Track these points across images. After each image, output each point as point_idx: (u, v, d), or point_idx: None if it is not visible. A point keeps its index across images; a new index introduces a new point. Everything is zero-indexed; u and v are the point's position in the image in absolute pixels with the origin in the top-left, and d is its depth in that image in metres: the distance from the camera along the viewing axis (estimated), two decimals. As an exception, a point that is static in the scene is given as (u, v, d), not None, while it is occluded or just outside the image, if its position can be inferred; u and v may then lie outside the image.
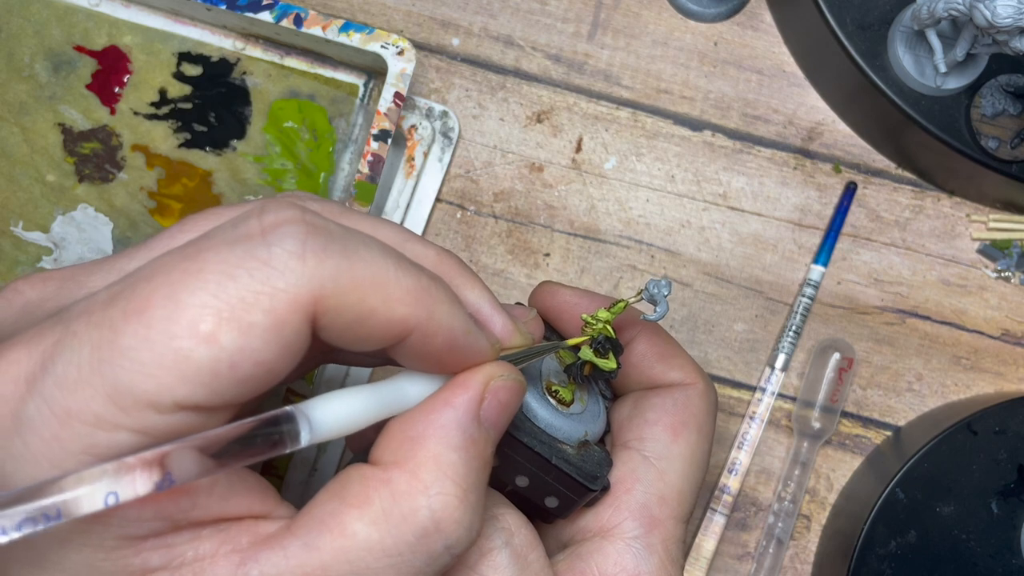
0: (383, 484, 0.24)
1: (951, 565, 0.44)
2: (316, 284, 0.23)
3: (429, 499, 0.24)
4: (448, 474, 0.25)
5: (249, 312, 0.22)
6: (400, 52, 0.43)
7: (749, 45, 0.52)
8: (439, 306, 0.25)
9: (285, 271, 0.23)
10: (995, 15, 0.39)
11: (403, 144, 0.49)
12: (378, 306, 0.24)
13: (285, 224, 0.23)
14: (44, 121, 0.46)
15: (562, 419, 0.31)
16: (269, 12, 0.43)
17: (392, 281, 0.24)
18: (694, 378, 0.35)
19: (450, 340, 0.26)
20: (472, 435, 0.26)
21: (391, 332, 0.25)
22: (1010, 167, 0.47)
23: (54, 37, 0.46)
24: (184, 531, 0.24)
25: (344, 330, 0.24)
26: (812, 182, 0.51)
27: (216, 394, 0.22)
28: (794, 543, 0.49)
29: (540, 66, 0.51)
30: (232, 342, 0.22)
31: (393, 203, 0.48)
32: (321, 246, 0.23)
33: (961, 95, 0.47)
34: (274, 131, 0.46)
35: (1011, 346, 0.50)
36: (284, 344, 0.23)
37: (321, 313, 0.23)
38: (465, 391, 0.26)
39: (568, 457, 0.31)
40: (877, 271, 0.51)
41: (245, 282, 0.22)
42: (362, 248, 0.24)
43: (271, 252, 0.23)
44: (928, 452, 0.45)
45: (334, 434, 0.25)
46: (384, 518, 0.24)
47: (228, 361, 0.22)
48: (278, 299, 0.23)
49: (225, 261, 0.23)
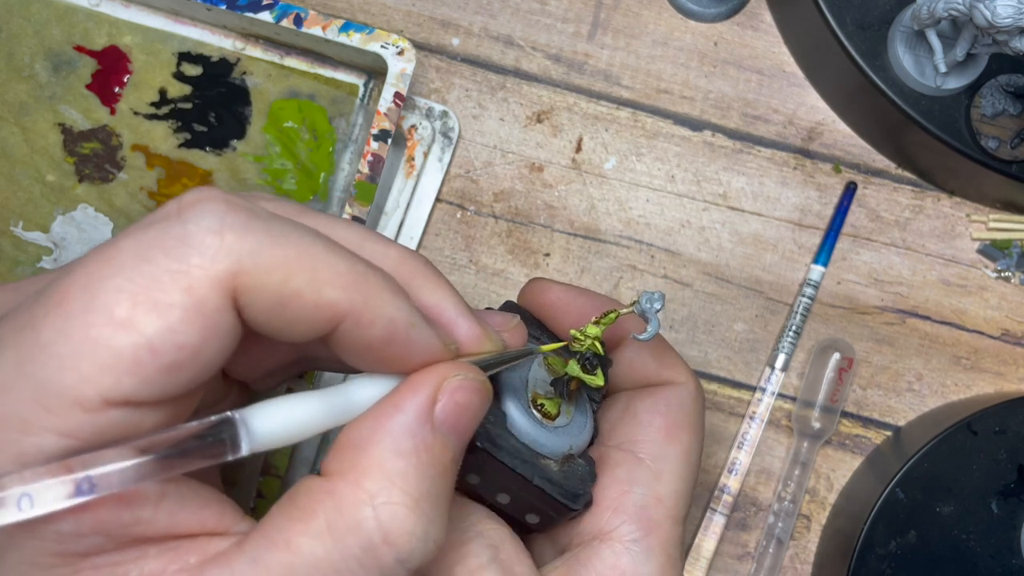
0: (327, 495, 0.23)
1: (951, 565, 0.44)
2: (234, 260, 0.22)
3: (375, 509, 0.23)
4: (396, 482, 0.23)
5: (165, 292, 0.21)
6: (400, 52, 0.43)
7: (749, 45, 0.52)
8: (377, 294, 0.24)
9: (201, 247, 0.22)
10: (995, 15, 0.39)
11: (403, 144, 0.49)
12: (304, 287, 0.23)
13: (203, 202, 0.23)
14: (44, 121, 0.46)
15: (547, 434, 0.30)
16: (269, 12, 0.43)
17: (321, 262, 0.23)
18: (685, 378, 0.34)
19: (389, 332, 0.24)
20: (424, 440, 0.24)
21: (321, 317, 0.23)
22: (1010, 167, 0.47)
23: (54, 37, 0.46)
24: (129, 549, 0.23)
25: (268, 312, 0.23)
26: (812, 182, 0.51)
27: (144, 384, 0.21)
28: (794, 543, 0.49)
29: (540, 66, 0.51)
30: (150, 325, 0.21)
31: (393, 203, 0.48)
32: (241, 223, 0.22)
33: (961, 95, 0.47)
34: (274, 131, 0.46)
35: (1011, 346, 0.50)
36: (207, 325, 0.22)
37: (242, 291, 0.22)
38: (415, 393, 0.24)
39: (550, 475, 0.30)
40: (877, 271, 0.51)
41: (160, 262, 0.22)
42: (290, 230, 0.23)
43: (186, 229, 0.22)
44: (928, 452, 0.45)
45: (278, 442, 0.23)
46: (328, 531, 0.22)
47: (148, 346, 0.21)
48: (195, 276, 0.22)
49: (140, 243, 0.22)
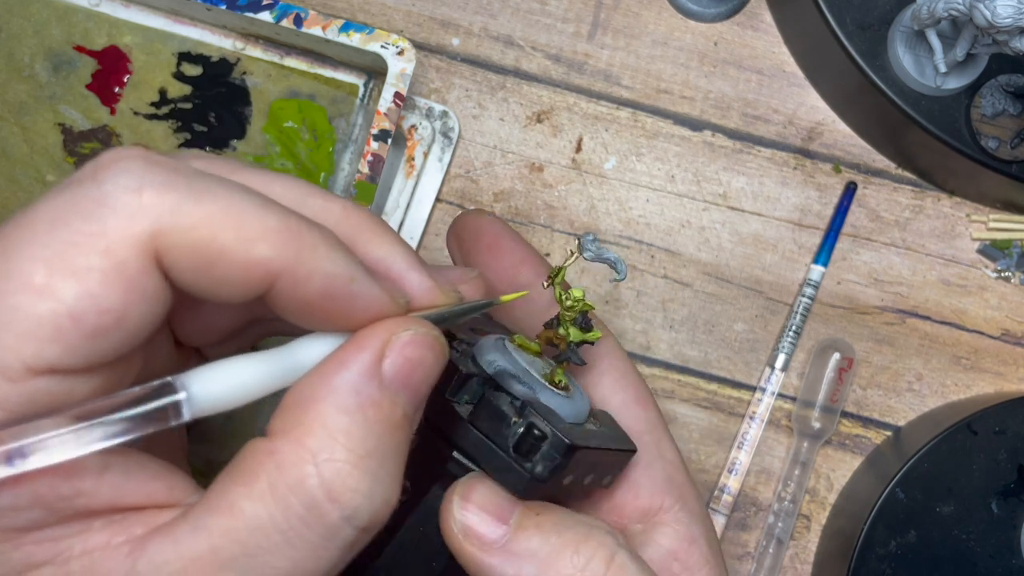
0: (268, 456, 0.22)
1: (951, 565, 0.44)
2: (153, 219, 0.21)
3: (317, 467, 0.22)
4: (339, 439, 0.22)
5: (83, 255, 0.21)
6: (400, 52, 0.43)
7: (749, 45, 0.52)
8: (312, 248, 0.23)
9: (118, 207, 0.21)
10: (995, 15, 0.39)
11: (403, 144, 0.49)
12: (231, 244, 0.22)
13: (120, 161, 0.22)
14: (44, 121, 0.46)
15: (573, 404, 0.30)
16: (269, 12, 0.43)
17: (250, 218, 0.22)
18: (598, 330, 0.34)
19: (327, 287, 0.23)
20: (370, 396, 0.23)
21: (252, 276, 0.22)
22: (1010, 167, 0.47)
23: (54, 37, 0.46)
24: (72, 522, 0.22)
25: (195, 272, 0.22)
26: (812, 182, 0.51)
27: (68, 351, 0.21)
28: (794, 543, 0.49)
29: (540, 66, 0.51)
30: (69, 291, 0.20)
31: (393, 203, 0.48)
32: (160, 180, 0.21)
33: (961, 95, 0.47)
34: (274, 131, 0.46)
35: (1011, 346, 0.50)
36: (130, 288, 0.21)
37: (164, 251, 0.21)
38: (360, 349, 0.23)
39: (604, 435, 0.29)
40: (877, 271, 0.51)
41: (76, 225, 0.21)
42: (216, 186, 0.22)
43: (102, 190, 0.21)
44: (928, 452, 0.45)
45: (222, 406, 0.23)
46: (270, 492, 0.22)
47: (68, 312, 0.20)
48: (112, 238, 0.21)
49: (55, 207, 0.21)
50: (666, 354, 0.50)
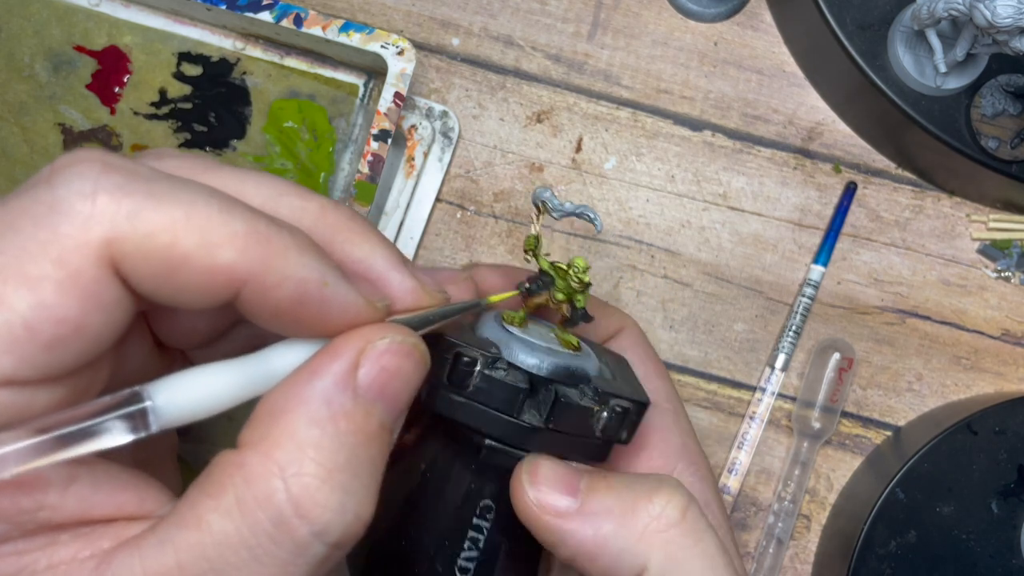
0: (237, 468, 0.21)
1: (951, 565, 0.44)
2: (108, 225, 0.20)
3: (285, 482, 0.21)
4: (308, 453, 0.21)
5: (36, 264, 0.20)
6: (400, 52, 0.43)
7: (749, 45, 0.52)
8: (280, 253, 0.22)
9: (71, 213, 0.20)
10: (995, 15, 0.39)
11: (403, 144, 0.49)
12: (193, 251, 0.21)
13: (75, 164, 0.21)
14: (44, 121, 0.46)
15: (591, 359, 0.31)
16: (269, 12, 0.43)
17: (214, 223, 0.21)
18: (623, 321, 0.36)
19: (299, 292, 0.22)
20: (342, 407, 0.22)
21: (216, 283, 0.22)
22: (1010, 167, 0.47)
23: (54, 37, 0.46)
24: (37, 536, 0.22)
25: (156, 279, 0.21)
26: (812, 182, 0.51)
27: (24, 363, 0.20)
28: (794, 543, 0.49)
29: (540, 66, 0.51)
30: (22, 301, 0.20)
31: (393, 203, 0.48)
32: (117, 185, 0.21)
33: (961, 95, 0.47)
34: (274, 131, 0.46)
35: (1011, 346, 0.50)
36: (85, 297, 0.20)
37: (121, 258, 0.21)
38: (333, 358, 0.23)
39: (619, 389, 0.30)
40: (877, 271, 0.51)
41: (28, 232, 0.20)
42: (178, 189, 0.21)
43: (55, 195, 0.20)
44: (928, 452, 0.45)
45: (192, 416, 0.22)
46: (237, 506, 0.21)
47: (22, 323, 0.20)
48: (65, 245, 0.20)
49: (8, 213, 0.20)
50: (666, 354, 0.50)
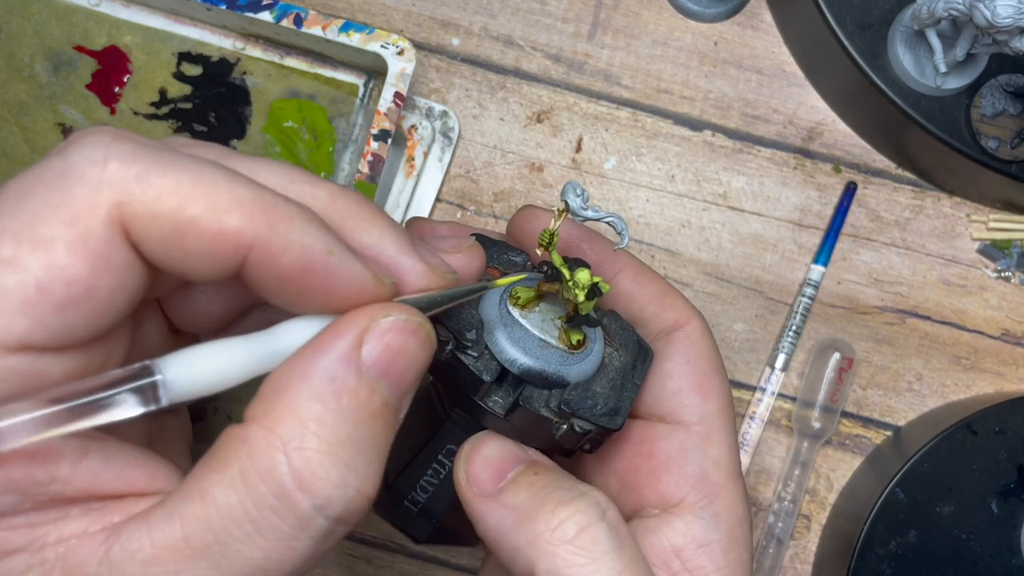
0: (241, 442, 0.22)
1: (951, 565, 0.44)
2: (119, 188, 0.21)
3: (287, 455, 0.22)
4: (310, 427, 0.22)
5: (48, 226, 0.20)
6: (400, 52, 0.43)
7: (749, 45, 0.52)
8: (286, 220, 0.22)
9: (82, 177, 0.21)
10: (995, 15, 0.39)
11: (403, 144, 0.49)
12: (200, 214, 0.21)
13: (87, 135, 0.22)
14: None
15: (583, 364, 0.31)
16: (269, 12, 0.43)
17: (220, 190, 0.22)
18: (687, 315, 0.33)
19: (304, 260, 0.23)
20: (346, 383, 0.22)
21: (223, 247, 0.22)
22: (1010, 167, 0.47)
23: (54, 37, 0.46)
24: (48, 509, 0.22)
25: (165, 243, 0.22)
26: (812, 182, 0.51)
27: (38, 326, 0.20)
28: (794, 543, 0.49)
29: (540, 66, 0.51)
30: (35, 261, 0.20)
31: (393, 203, 0.48)
32: (127, 152, 0.21)
33: (961, 95, 0.47)
34: (274, 131, 0.46)
35: (1011, 346, 0.50)
36: (96, 259, 0.21)
37: (131, 221, 0.21)
38: (338, 335, 0.23)
39: (591, 406, 0.30)
40: (877, 271, 0.51)
41: (42, 196, 0.21)
42: (184, 159, 0.22)
43: (68, 162, 0.21)
44: (928, 452, 0.45)
45: (201, 391, 0.22)
46: (241, 479, 0.21)
47: (35, 284, 0.20)
48: (76, 208, 0.21)
49: (22, 182, 0.21)
50: (666, 354, 0.50)
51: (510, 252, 0.33)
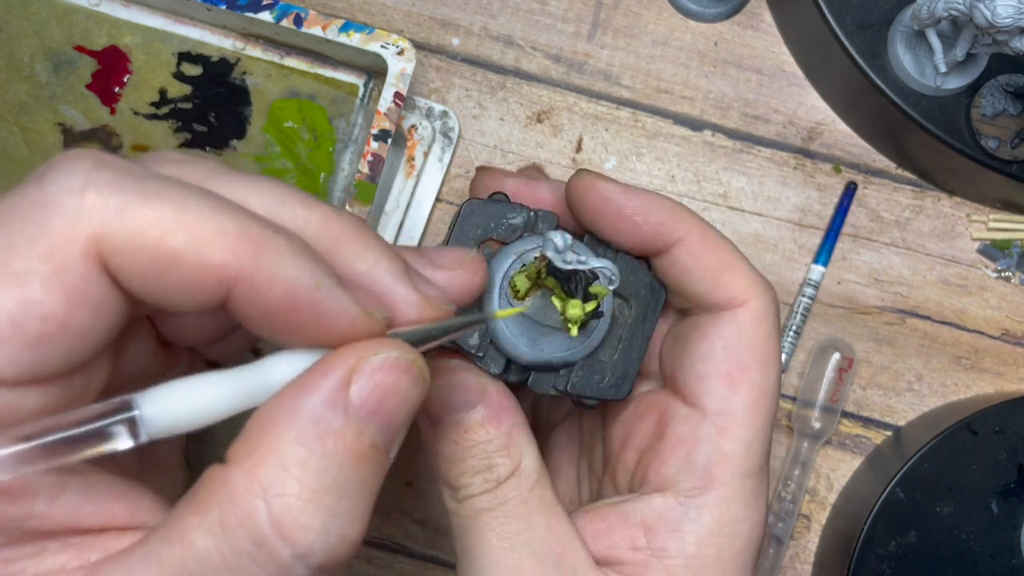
0: (222, 485, 0.21)
1: (951, 565, 0.44)
2: (96, 221, 0.20)
3: (267, 502, 0.21)
4: (292, 472, 0.21)
5: (22, 259, 0.20)
6: (400, 52, 0.43)
7: (749, 45, 0.52)
8: (272, 252, 0.21)
9: (59, 209, 0.20)
10: (995, 15, 0.39)
11: (403, 144, 0.49)
12: (182, 247, 0.21)
13: (66, 162, 0.21)
14: (44, 121, 0.46)
15: (583, 348, 0.31)
16: (269, 12, 0.43)
17: (204, 221, 0.21)
18: (746, 295, 0.30)
19: (289, 295, 0.22)
20: (331, 426, 0.21)
21: (205, 282, 0.21)
22: (1010, 167, 0.47)
23: (54, 37, 0.46)
24: (24, 544, 0.21)
25: (145, 277, 0.21)
26: (812, 182, 0.51)
27: (10, 362, 0.20)
28: (794, 543, 0.49)
29: (540, 66, 0.51)
30: (8, 296, 0.19)
31: (393, 203, 0.48)
32: (106, 181, 0.20)
33: (961, 95, 0.47)
34: (274, 131, 0.46)
35: (1011, 346, 0.50)
36: (72, 293, 0.20)
37: (109, 254, 0.20)
38: (325, 374, 0.22)
39: (595, 381, 0.31)
40: (877, 271, 0.51)
41: (17, 227, 0.20)
42: (167, 187, 0.21)
43: (44, 191, 0.20)
44: (928, 452, 0.45)
45: (183, 427, 0.21)
46: (220, 524, 0.21)
47: (7, 319, 0.19)
48: (53, 241, 0.20)
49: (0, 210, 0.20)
50: (666, 354, 0.50)
51: (509, 215, 0.32)
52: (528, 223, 0.32)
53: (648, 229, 0.31)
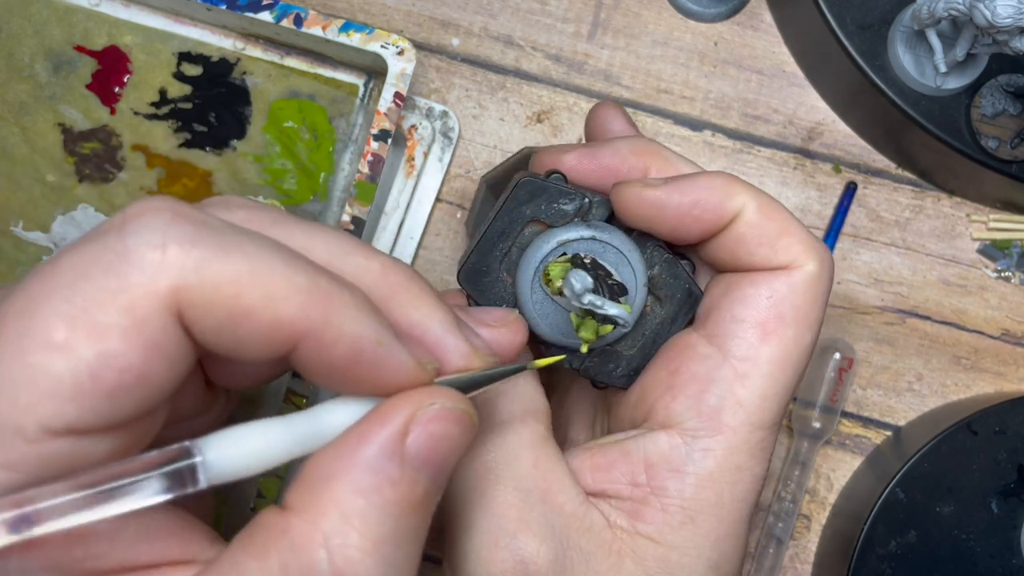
0: (282, 534, 0.22)
1: (951, 565, 0.44)
2: (177, 276, 0.21)
3: (329, 552, 0.21)
4: (353, 524, 0.22)
5: (104, 312, 0.20)
6: (400, 52, 0.43)
7: (749, 45, 0.52)
8: (340, 310, 0.22)
9: (141, 263, 0.20)
10: (995, 15, 0.39)
11: (403, 144, 0.49)
12: (257, 303, 0.21)
13: (146, 214, 0.21)
14: (44, 121, 0.46)
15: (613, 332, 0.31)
16: (269, 12, 0.43)
17: (278, 277, 0.22)
18: (803, 259, 0.30)
19: (354, 351, 0.23)
20: (388, 477, 0.22)
21: (277, 336, 0.22)
22: (1010, 167, 0.47)
23: (54, 37, 0.46)
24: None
25: (219, 331, 0.21)
26: (812, 182, 0.51)
27: (87, 411, 0.20)
28: (794, 543, 0.49)
29: (540, 66, 0.51)
30: (89, 349, 0.20)
31: (393, 203, 0.48)
32: (186, 235, 0.21)
33: (961, 95, 0.47)
34: (274, 131, 0.46)
35: (1011, 346, 0.50)
36: (150, 346, 0.21)
37: (187, 308, 0.21)
38: (382, 425, 0.23)
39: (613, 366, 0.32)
40: (877, 271, 0.51)
41: (99, 280, 0.20)
42: (244, 242, 0.22)
43: (126, 244, 0.21)
44: (928, 452, 0.45)
45: (240, 473, 0.22)
46: (280, 571, 0.21)
47: (88, 371, 0.20)
48: (135, 295, 0.20)
49: (80, 260, 0.21)
50: (666, 354, 0.50)
51: (562, 200, 0.31)
52: (580, 210, 0.31)
53: (707, 218, 0.30)
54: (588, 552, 0.29)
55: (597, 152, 0.32)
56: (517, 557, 0.28)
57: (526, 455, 0.29)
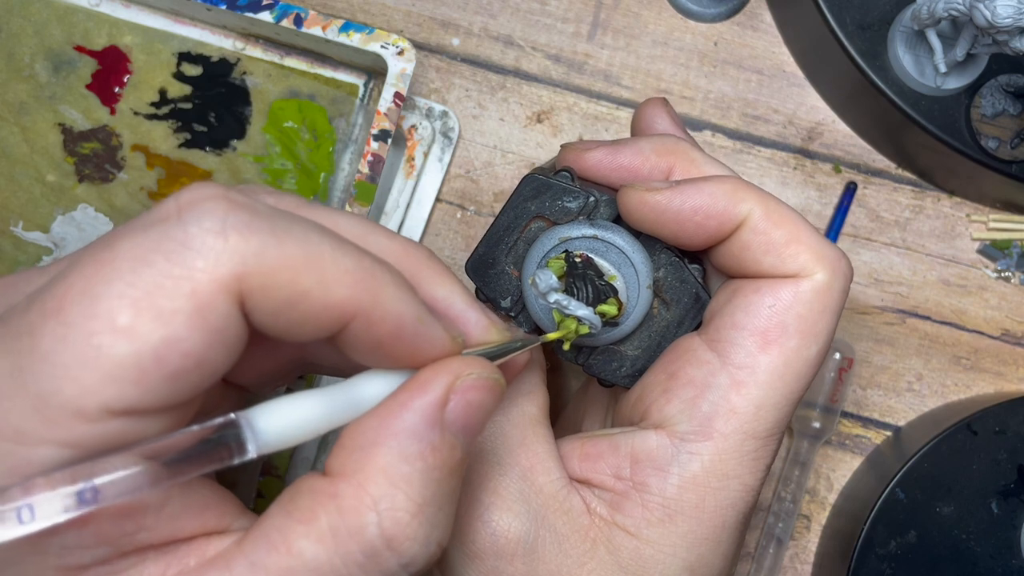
0: (330, 498, 0.23)
1: (951, 565, 0.44)
2: (239, 262, 0.21)
3: (378, 515, 0.22)
4: (400, 487, 0.23)
5: (169, 298, 0.21)
6: (400, 52, 0.43)
7: (749, 45, 0.52)
8: (385, 290, 0.23)
9: (203, 250, 0.21)
10: (995, 15, 0.39)
11: (403, 144, 0.49)
12: (312, 287, 0.22)
13: (203, 201, 0.22)
14: (44, 121, 0.46)
15: (612, 332, 0.31)
16: (269, 12, 0.43)
17: (329, 261, 0.22)
18: (812, 268, 0.29)
19: (398, 328, 0.24)
20: (432, 443, 0.23)
21: (330, 317, 0.23)
22: (1010, 167, 0.47)
23: (54, 37, 0.46)
24: (130, 556, 0.22)
25: (276, 313, 0.22)
26: (812, 182, 0.51)
27: (148, 393, 0.21)
28: (794, 543, 0.49)
29: (540, 66, 0.51)
30: (154, 333, 0.20)
31: (393, 203, 0.48)
32: (244, 222, 0.22)
33: (961, 95, 0.47)
34: (274, 131, 0.46)
35: (1011, 346, 0.50)
36: (212, 331, 0.21)
37: (248, 293, 0.22)
38: (424, 393, 0.24)
39: (613, 364, 0.32)
40: (877, 271, 0.51)
41: (162, 266, 0.21)
42: (295, 227, 0.22)
43: (187, 232, 0.21)
44: (928, 452, 0.45)
45: (285, 442, 0.23)
46: (331, 535, 0.22)
47: (152, 355, 0.20)
48: (198, 281, 0.21)
49: (139, 246, 0.21)
50: (666, 354, 0.50)
51: (566, 197, 0.32)
52: (584, 208, 0.31)
53: (710, 225, 0.30)
54: (563, 534, 0.29)
55: (619, 151, 0.32)
56: (489, 529, 0.29)
57: (513, 433, 0.30)
